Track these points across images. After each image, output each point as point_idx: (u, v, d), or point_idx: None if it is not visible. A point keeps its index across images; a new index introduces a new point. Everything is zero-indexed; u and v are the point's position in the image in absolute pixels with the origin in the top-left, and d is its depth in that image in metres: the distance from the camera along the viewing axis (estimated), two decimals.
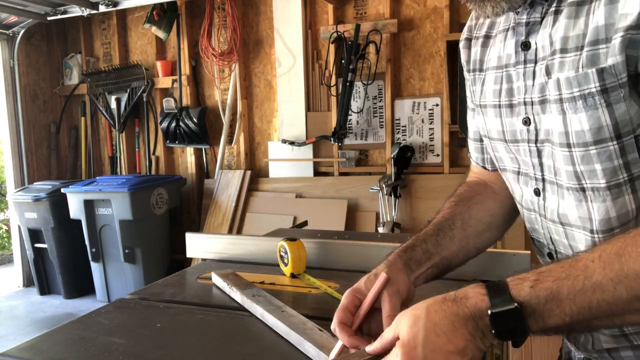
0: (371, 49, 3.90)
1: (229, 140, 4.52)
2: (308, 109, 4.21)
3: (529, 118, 0.82)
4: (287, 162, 4.30)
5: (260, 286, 1.24)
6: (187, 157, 4.75)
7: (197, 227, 4.62)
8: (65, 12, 4.42)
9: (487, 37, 0.93)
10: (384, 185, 3.77)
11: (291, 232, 2.08)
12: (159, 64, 4.68)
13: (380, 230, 3.72)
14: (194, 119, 4.38)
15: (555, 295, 0.62)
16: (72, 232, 4.29)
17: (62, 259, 4.37)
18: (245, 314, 1.10)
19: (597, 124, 0.70)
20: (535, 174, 0.86)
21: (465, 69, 1.01)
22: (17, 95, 4.81)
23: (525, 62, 0.81)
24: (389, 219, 3.78)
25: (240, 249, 1.53)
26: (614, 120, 0.69)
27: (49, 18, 4.50)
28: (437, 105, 3.83)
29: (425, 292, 1.23)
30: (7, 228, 6.21)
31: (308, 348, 0.88)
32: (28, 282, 4.92)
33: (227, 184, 4.44)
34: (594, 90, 0.69)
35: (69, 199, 4.13)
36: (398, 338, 0.67)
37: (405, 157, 3.80)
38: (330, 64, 4.04)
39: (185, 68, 4.59)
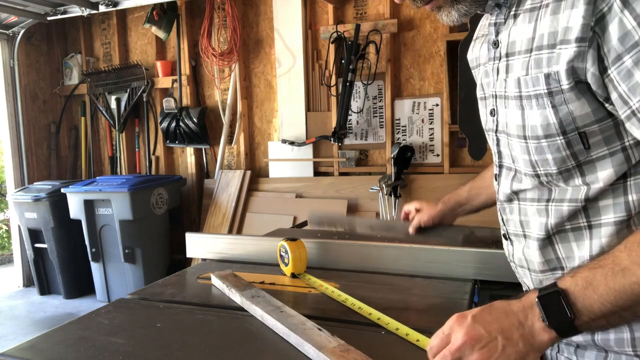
0: (371, 49, 3.89)
1: (229, 140, 4.52)
2: (308, 109, 4.21)
3: (494, 109, 0.93)
4: (287, 162, 4.30)
5: (260, 286, 1.24)
6: (187, 157, 4.75)
7: (197, 227, 4.62)
8: (65, 12, 4.42)
9: (484, 35, 1.02)
10: (384, 185, 3.77)
11: (291, 232, 2.08)
12: (159, 64, 4.68)
13: None
14: (194, 119, 4.38)
15: (591, 282, 0.70)
16: (72, 232, 4.29)
17: (62, 259, 4.37)
18: (245, 313, 1.10)
19: (546, 121, 0.80)
20: (495, 160, 0.98)
21: (470, 66, 1.10)
22: (17, 95, 4.81)
23: (494, 58, 0.91)
24: (389, 219, 3.78)
25: (240, 249, 1.53)
26: (559, 119, 0.78)
27: (49, 18, 4.50)
28: (437, 105, 3.83)
29: (426, 292, 1.23)
30: (7, 228, 6.22)
31: (308, 349, 0.88)
32: (28, 282, 4.92)
33: (227, 184, 4.44)
34: (542, 92, 0.79)
35: (69, 199, 4.12)
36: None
37: (405, 157, 3.80)
38: (330, 64, 4.04)
39: (185, 68, 4.59)
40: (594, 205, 0.83)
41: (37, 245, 4.46)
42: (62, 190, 4.13)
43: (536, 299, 0.72)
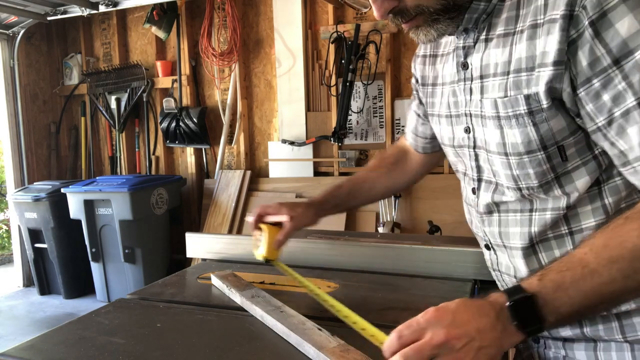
0: (371, 49, 3.90)
1: (229, 140, 4.52)
2: (308, 109, 4.21)
3: (468, 127, 0.97)
4: (287, 162, 4.30)
5: (260, 286, 1.24)
6: (187, 157, 4.75)
7: (197, 227, 4.62)
8: (65, 12, 4.42)
9: (442, 55, 1.07)
10: None
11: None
12: (159, 64, 4.68)
13: (380, 230, 3.72)
14: (194, 119, 4.38)
15: (561, 285, 0.72)
16: (72, 232, 4.28)
17: (62, 259, 4.37)
18: (245, 314, 1.10)
19: (527, 138, 0.85)
20: (473, 175, 1.01)
21: (420, 82, 1.17)
22: (17, 95, 4.81)
23: (464, 79, 0.95)
24: (389, 219, 3.78)
25: (240, 249, 1.53)
26: (540, 136, 0.84)
27: (49, 18, 4.50)
28: None
29: (426, 292, 1.23)
30: (7, 228, 6.21)
31: (308, 349, 0.88)
32: (28, 282, 4.92)
33: (227, 184, 4.44)
34: (522, 112, 0.84)
35: (69, 199, 4.12)
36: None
37: None
38: (330, 64, 4.04)
39: (185, 68, 4.59)
40: (573, 213, 0.88)
41: (37, 245, 4.46)
42: (62, 190, 4.13)
43: (507, 304, 0.72)
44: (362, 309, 1.12)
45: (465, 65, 0.94)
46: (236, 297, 1.16)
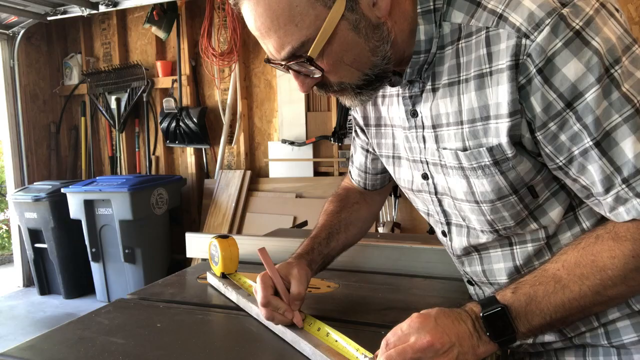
0: None
1: (229, 140, 4.52)
2: (308, 109, 4.21)
3: (426, 174, 0.97)
4: (287, 162, 4.30)
5: None
6: (187, 157, 4.75)
7: (197, 227, 4.62)
8: (65, 12, 4.42)
9: (383, 96, 1.03)
10: None
11: (291, 232, 2.08)
12: (159, 64, 4.68)
13: (380, 230, 3.72)
14: (194, 119, 4.38)
15: (534, 298, 0.77)
16: (72, 232, 4.28)
17: (62, 259, 4.37)
18: (244, 313, 1.10)
19: (497, 186, 0.86)
20: (440, 219, 1.01)
21: (362, 122, 1.12)
22: (17, 95, 4.81)
23: (416, 127, 0.94)
24: (389, 219, 3.78)
25: (240, 249, 1.53)
26: (509, 182, 0.85)
27: (49, 18, 4.50)
28: None
29: (426, 292, 1.23)
30: (7, 228, 6.22)
31: (304, 346, 0.89)
32: (28, 282, 4.92)
33: (227, 184, 4.44)
34: (487, 163, 0.84)
35: (69, 199, 4.12)
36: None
37: None
38: None
39: (185, 68, 4.59)
40: (555, 241, 0.90)
41: (37, 245, 4.45)
42: (62, 190, 4.13)
43: (481, 315, 0.76)
44: (362, 309, 1.12)
45: (414, 114, 0.93)
46: (232, 295, 1.17)
